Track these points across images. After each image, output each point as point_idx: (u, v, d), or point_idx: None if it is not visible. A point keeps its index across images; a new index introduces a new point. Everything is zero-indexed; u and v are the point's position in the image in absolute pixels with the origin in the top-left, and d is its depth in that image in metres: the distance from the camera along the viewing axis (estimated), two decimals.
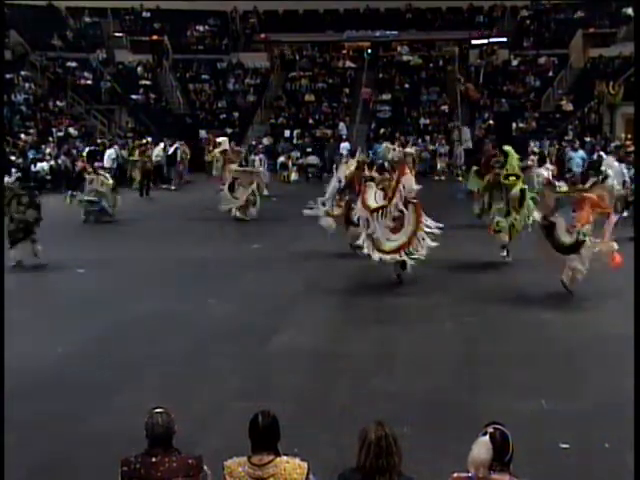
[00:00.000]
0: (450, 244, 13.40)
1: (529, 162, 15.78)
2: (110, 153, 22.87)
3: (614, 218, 9.69)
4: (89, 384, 6.82)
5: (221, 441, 5.34)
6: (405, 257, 10.02)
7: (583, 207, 9.39)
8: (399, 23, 35.77)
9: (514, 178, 11.49)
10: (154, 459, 3.46)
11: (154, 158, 23.83)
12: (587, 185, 10.29)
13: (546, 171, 15.85)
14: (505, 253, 11.86)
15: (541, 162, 18.20)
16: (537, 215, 10.40)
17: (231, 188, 16.79)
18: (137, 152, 23.51)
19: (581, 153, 19.53)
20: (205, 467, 3.58)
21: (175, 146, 24.88)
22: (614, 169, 16.15)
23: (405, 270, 10.29)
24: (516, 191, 11.30)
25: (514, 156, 11.68)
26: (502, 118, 29.32)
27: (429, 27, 35.60)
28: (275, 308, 9.37)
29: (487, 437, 3.21)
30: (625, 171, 16.36)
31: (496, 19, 35.56)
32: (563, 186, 11.33)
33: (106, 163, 21.30)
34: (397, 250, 9.92)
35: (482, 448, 3.19)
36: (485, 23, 35.56)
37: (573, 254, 9.39)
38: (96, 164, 16.36)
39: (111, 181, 16.67)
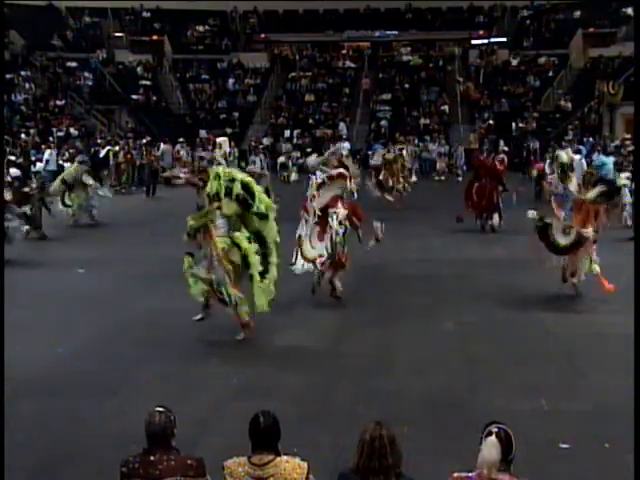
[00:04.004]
0: (450, 244, 13.48)
1: (497, 163, 15.22)
2: (48, 153, 21.41)
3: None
4: (89, 384, 6.82)
5: (221, 441, 5.33)
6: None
7: (581, 210, 9.33)
8: (399, 23, 35.84)
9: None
10: (152, 458, 3.47)
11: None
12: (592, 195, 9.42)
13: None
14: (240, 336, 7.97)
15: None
16: (532, 214, 9.73)
17: None
18: (122, 154, 23.35)
19: (612, 159, 18.48)
20: (208, 477, 3.56)
21: (107, 148, 22.87)
22: (575, 162, 16.30)
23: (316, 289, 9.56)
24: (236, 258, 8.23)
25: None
26: (502, 118, 29.34)
27: (429, 27, 35.67)
28: (275, 308, 9.35)
29: (494, 437, 3.23)
30: (584, 162, 16.43)
31: (496, 19, 35.62)
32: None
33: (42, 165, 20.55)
34: (314, 259, 9.25)
35: (492, 449, 3.21)
36: (485, 23, 35.61)
37: (567, 255, 9.37)
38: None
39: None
